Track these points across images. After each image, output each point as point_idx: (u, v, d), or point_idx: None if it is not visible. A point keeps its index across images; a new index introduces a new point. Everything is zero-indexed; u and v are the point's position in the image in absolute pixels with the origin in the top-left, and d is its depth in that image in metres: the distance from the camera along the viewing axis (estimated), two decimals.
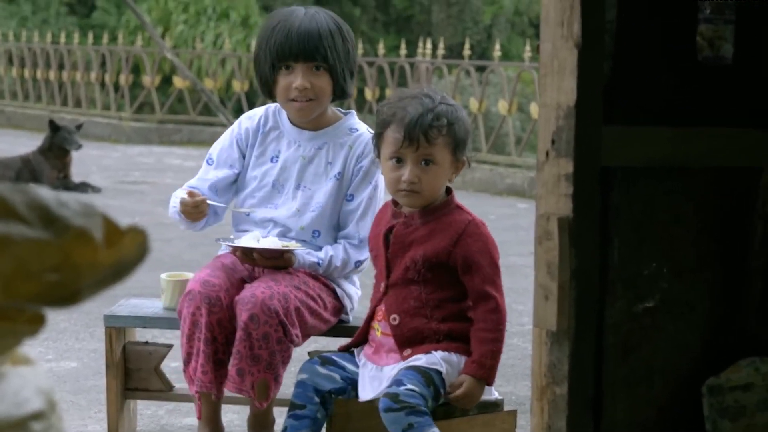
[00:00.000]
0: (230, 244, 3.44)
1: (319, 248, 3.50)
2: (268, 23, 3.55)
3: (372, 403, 3.14)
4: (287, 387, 3.39)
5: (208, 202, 3.45)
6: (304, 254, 3.44)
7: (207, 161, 3.63)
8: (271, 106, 3.64)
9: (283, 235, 3.50)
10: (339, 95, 3.53)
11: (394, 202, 3.24)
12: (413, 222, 3.17)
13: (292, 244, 3.43)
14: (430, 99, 3.15)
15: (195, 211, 3.42)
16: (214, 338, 3.27)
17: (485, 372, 3.07)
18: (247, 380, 3.25)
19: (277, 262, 3.41)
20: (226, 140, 3.62)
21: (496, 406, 3.21)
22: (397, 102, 3.19)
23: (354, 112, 3.69)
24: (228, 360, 3.29)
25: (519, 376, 4.57)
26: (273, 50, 3.48)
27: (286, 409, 3.28)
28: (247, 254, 3.40)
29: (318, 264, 3.46)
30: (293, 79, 3.47)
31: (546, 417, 2.29)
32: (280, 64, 3.48)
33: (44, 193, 1.27)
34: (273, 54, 3.48)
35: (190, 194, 3.42)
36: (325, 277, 3.50)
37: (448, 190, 3.23)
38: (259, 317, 3.23)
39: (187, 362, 3.31)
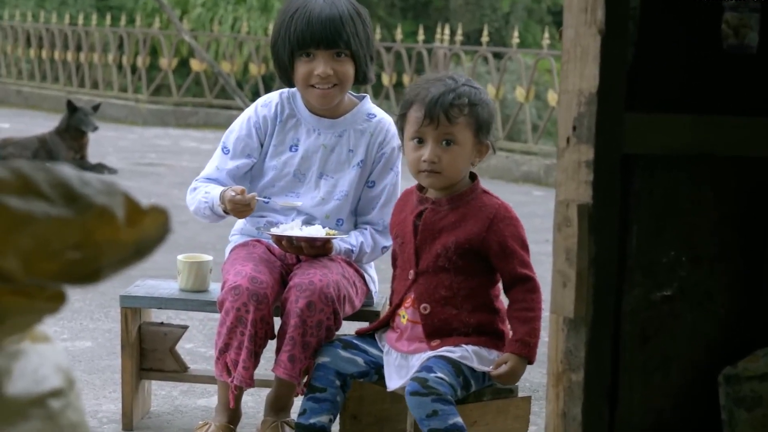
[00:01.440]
0: (276, 233, 3.41)
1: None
2: (286, 9, 3.52)
3: (399, 392, 3.14)
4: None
5: (257, 198, 3.42)
6: (340, 242, 3.46)
7: (222, 150, 3.58)
8: (285, 91, 3.61)
9: (307, 223, 3.50)
10: (361, 80, 3.53)
11: (419, 188, 3.23)
12: (441, 208, 3.16)
13: (334, 232, 3.44)
14: (453, 80, 3.15)
15: (246, 209, 3.39)
16: (257, 334, 3.27)
17: (528, 350, 3.07)
18: (297, 366, 3.26)
19: (320, 250, 3.41)
20: (243, 129, 3.58)
21: (510, 392, 3.20)
22: (422, 83, 3.19)
23: (368, 96, 3.68)
24: (261, 352, 3.29)
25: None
26: (293, 38, 3.46)
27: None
28: (291, 243, 3.39)
29: (352, 251, 3.50)
30: (315, 66, 3.45)
31: (561, 404, 2.28)
32: (300, 52, 3.47)
33: (66, 171, 1.27)
34: (293, 41, 3.46)
35: (238, 192, 3.37)
36: (356, 263, 3.53)
37: (473, 176, 3.22)
38: (316, 305, 3.23)
39: (223, 351, 3.30)
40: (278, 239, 3.41)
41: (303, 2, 3.49)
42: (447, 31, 12.40)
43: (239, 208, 3.37)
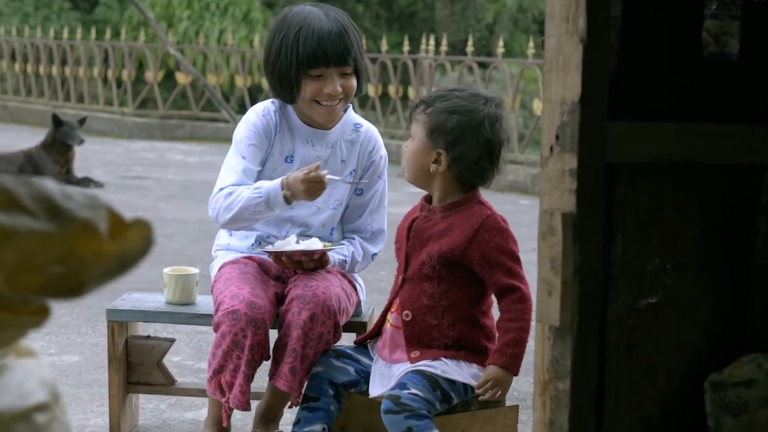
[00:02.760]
0: (274, 251, 3.38)
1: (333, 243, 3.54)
2: (286, 26, 3.47)
3: (378, 399, 3.14)
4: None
5: (328, 177, 3.34)
6: (334, 253, 3.46)
7: (240, 156, 3.49)
8: (275, 101, 3.59)
9: (303, 234, 3.50)
10: (359, 92, 3.56)
11: (426, 198, 3.25)
12: (434, 216, 3.18)
13: (329, 244, 3.44)
14: (454, 87, 3.22)
15: (320, 185, 3.31)
16: (254, 358, 3.26)
17: (506, 360, 3.06)
18: (297, 378, 3.26)
19: (318, 263, 3.40)
20: (252, 137, 3.51)
21: (497, 401, 3.21)
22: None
23: (351, 105, 3.68)
24: (254, 373, 3.28)
25: (521, 371, 4.55)
26: (303, 56, 3.42)
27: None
28: (291, 259, 3.38)
29: (345, 261, 3.50)
30: (325, 85, 3.44)
31: (548, 412, 2.29)
32: (311, 71, 3.45)
33: (49, 185, 1.27)
34: (302, 60, 3.42)
35: (312, 169, 3.31)
36: (348, 273, 3.53)
37: (473, 187, 3.20)
38: (318, 317, 3.23)
39: (218, 372, 3.29)
40: (277, 256, 3.39)
41: (303, 19, 3.46)
42: (432, 41, 12.42)
43: (313, 186, 3.30)
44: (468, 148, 3.13)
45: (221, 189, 3.42)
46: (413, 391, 3.00)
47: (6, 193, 1.23)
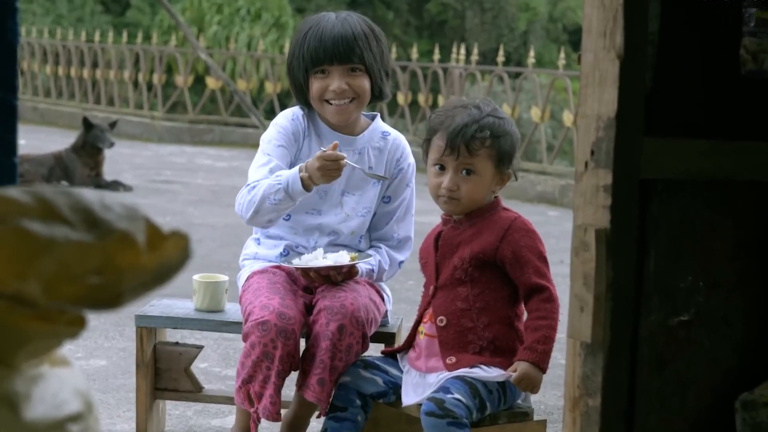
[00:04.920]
0: (301, 266, 3.37)
1: (360, 252, 3.53)
2: (300, 29, 3.53)
3: (409, 410, 3.14)
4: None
5: (347, 161, 3.33)
6: (362, 264, 3.45)
7: (268, 155, 3.49)
8: (303, 108, 3.61)
9: (332, 243, 3.50)
10: (377, 96, 3.54)
11: (448, 213, 3.26)
12: (461, 225, 3.20)
13: (355, 255, 3.44)
14: (479, 110, 3.19)
15: (335, 167, 3.27)
16: (284, 369, 3.25)
17: (536, 356, 3.05)
18: (326, 390, 3.25)
19: (346, 275, 3.40)
20: (281, 138, 3.51)
21: (525, 415, 3.20)
22: (448, 110, 3.22)
23: (378, 114, 3.69)
24: (283, 384, 3.28)
25: (549, 385, 4.55)
26: (307, 55, 3.47)
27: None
28: (319, 274, 3.37)
29: (373, 271, 3.50)
30: (330, 82, 3.46)
31: (578, 429, 2.28)
32: (315, 69, 3.48)
33: (88, 195, 1.27)
34: (307, 59, 3.48)
35: (330, 148, 3.29)
36: (376, 283, 3.53)
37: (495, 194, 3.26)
38: (347, 328, 3.22)
39: (246, 382, 3.27)
40: (305, 272, 3.38)
41: (316, 22, 3.51)
42: (463, 50, 12.41)
43: (329, 165, 3.26)
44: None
45: (247, 185, 3.43)
46: (457, 396, 3.00)
47: (45, 204, 1.23)
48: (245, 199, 3.40)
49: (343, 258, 3.38)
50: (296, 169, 3.32)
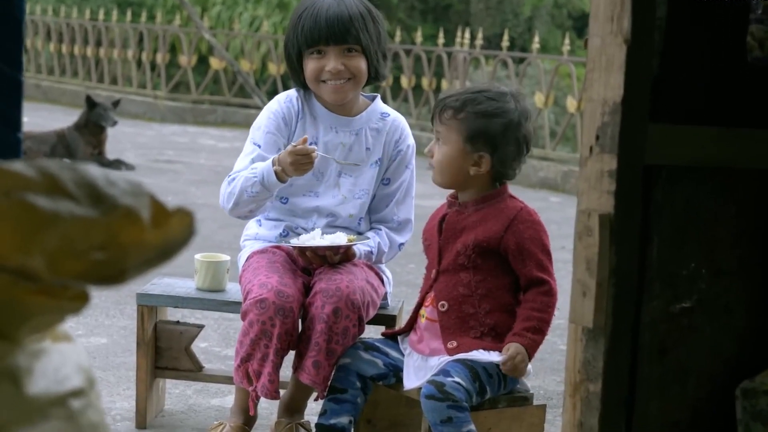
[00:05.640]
0: (298, 245, 3.38)
1: (360, 234, 3.52)
2: (296, 10, 3.53)
3: (410, 393, 3.14)
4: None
5: (319, 154, 3.36)
6: (360, 245, 3.45)
7: (254, 145, 3.52)
8: (299, 90, 3.60)
9: (330, 224, 3.50)
10: (374, 77, 3.54)
11: (453, 195, 3.26)
12: (466, 210, 3.19)
13: (354, 237, 3.44)
14: (475, 88, 3.19)
15: (307, 160, 3.30)
16: (282, 347, 3.25)
17: (527, 341, 3.05)
18: (321, 373, 3.25)
19: (343, 256, 3.40)
20: (270, 124, 3.53)
21: (525, 399, 3.20)
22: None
23: (379, 95, 3.68)
24: (281, 362, 3.28)
25: (548, 370, 4.55)
26: (302, 36, 3.46)
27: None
28: (315, 253, 3.38)
29: (372, 253, 3.49)
30: (325, 63, 3.45)
31: (578, 414, 2.28)
32: (310, 50, 3.47)
33: (93, 171, 1.27)
34: (302, 40, 3.47)
35: (300, 142, 3.30)
36: (375, 265, 3.52)
37: (502, 182, 3.24)
38: (342, 311, 3.22)
39: (245, 360, 3.28)
40: (302, 251, 3.39)
41: (312, 2, 3.50)
42: (467, 34, 12.38)
43: (300, 160, 3.29)
44: (510, 148, 3.16)
45: (228, 176, 3.45)
46: (457, 379, 2.99)
47: (50, 178, 1.23)
48: (226, 191, 3.45)
49: (340, 239, 3.38)
50: (269, 162, 3.34)
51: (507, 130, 3.15)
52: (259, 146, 3.51)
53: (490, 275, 3.14)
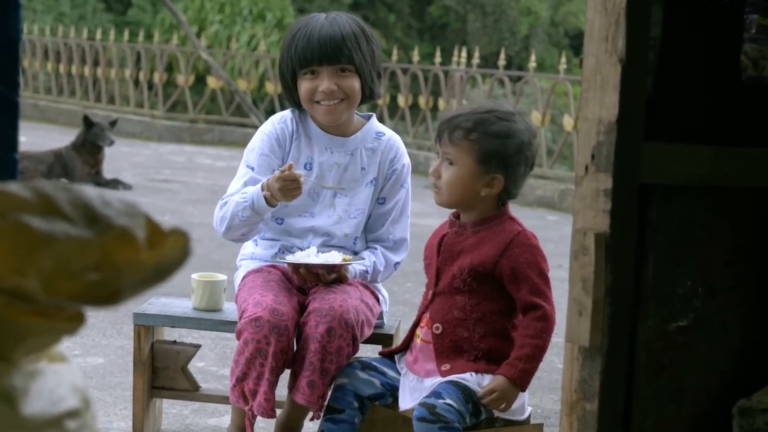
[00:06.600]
0: (293, 261, 3.39)
1: (356, 254, 3.52)
2: (290, 31, 3.53)
3: (407, 413, 3.13)
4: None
5: (307, 179, 3.37)
6: (355, 265, 3.45)
7: (248, 167, 3.52)
8: (294, 111, 3.61)
9: (326, 244, 3.50)
10: (368, 96, 3.54)
11: (455, 214, 3.24)
12: (465, 231, 3.18)
13: (349, 257, 3.44)
14: (483, 108, 3.18)
15: (295, 185, 3.30)
16: (277, 366, 3.25)
17: (516, 373, 3.03)
18: (316, 392, 3.24)
19: (336, 277, 3.40)
20: (264, 146, 3.53)
21: (522, 419, 3.19)
22: (462, 106, 3.25)
23: (374, 115, 3.69)
24: (277, 380, 3.28)
25: (545, 389, 4.55)
26: (295, 56, 3.47)
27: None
28: (309, 271, 3.38)
29: (367, 272, 3.49)
30: (319, 83, 3.46)
31: None
32: (304, 70, 3.47)
33: (88, 191, 1.27)
34: (296, 60, 3.47)
35: (286, 168, 3.30)
36: (371, 284, 3.52)
37: (503, 202, 3.21)
38: (335, 330, 3.22)
39: (241, 380, 3.27)
40: (296, 267, 3.39)
41: (305, 23, 3.50)
42: (464, 53, 12.41)
43: (288, 185, 3.29)
44: (521, 168, 3.15)
45: (221, 199, 3.45)
46: (448, 401, 2.98)
47: (45, 199, 1.23)
48: (218, 215, 3.47)
49: (334, 258, 3.38)
50: (258, 186, 3.36)
51: (520, 151, 3.15)
52: (253, 168, 3.51)
53: (485, 299, 3.13)
